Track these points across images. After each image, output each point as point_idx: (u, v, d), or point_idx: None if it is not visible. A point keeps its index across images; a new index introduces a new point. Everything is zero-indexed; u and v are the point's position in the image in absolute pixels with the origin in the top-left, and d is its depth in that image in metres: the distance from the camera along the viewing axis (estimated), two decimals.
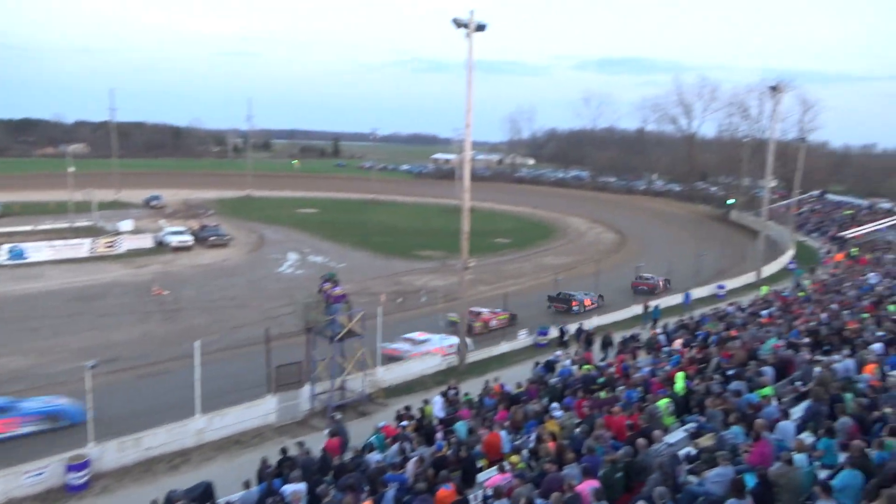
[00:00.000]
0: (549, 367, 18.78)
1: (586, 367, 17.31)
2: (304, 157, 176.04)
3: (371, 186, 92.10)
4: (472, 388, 19.52)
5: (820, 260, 47.67)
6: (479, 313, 30.02)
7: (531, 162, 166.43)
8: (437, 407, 15.93)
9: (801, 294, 27.89)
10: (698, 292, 37.90)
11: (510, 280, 41.90)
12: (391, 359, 24.25)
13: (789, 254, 50.35)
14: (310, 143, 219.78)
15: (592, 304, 34.34)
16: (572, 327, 26.46)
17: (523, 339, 26.86)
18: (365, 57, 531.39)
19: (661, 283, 39.22)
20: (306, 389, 19.33)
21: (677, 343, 19.82)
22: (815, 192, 78.66)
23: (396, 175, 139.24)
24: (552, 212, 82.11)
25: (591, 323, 29.75)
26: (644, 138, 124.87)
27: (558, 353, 20.73)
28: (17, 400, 18.56)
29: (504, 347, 25.95)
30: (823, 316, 20.78)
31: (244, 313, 31.41)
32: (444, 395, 16.91)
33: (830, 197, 75.89)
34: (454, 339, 25.71)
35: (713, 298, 37.94)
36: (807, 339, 17.05)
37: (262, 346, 19.93)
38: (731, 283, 41.25)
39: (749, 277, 43.44)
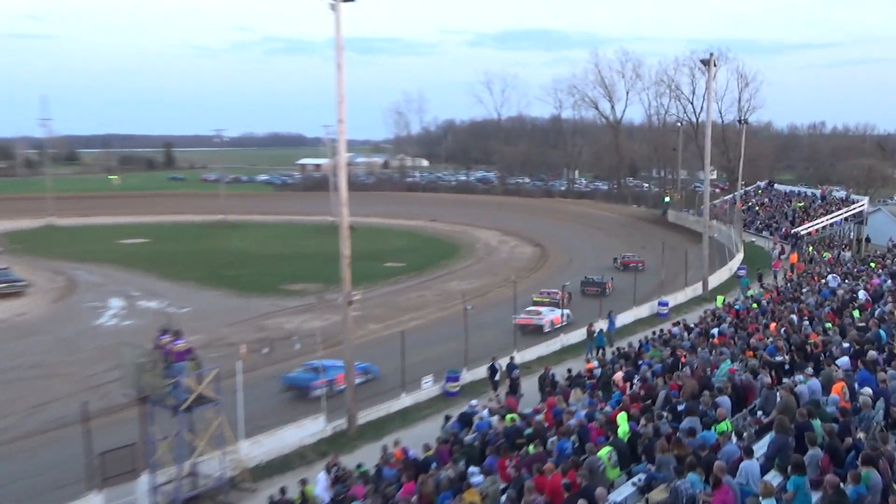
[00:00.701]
0: (464, 420, 18.88)
1: (510, 416, 17.55)
2: (127, 171, 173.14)
3: (219, 205, 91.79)
4: (366, 456, 19.45)
5: (769, 263, 51.64)
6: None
7: (425, 163, 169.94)
8: (321, 486, 15.64)
9: (754, 306, 29.70)
10: (637, 312, 40.20)
11: (409, 314, 42.69)
12: (524, 328, 37.02)
13: (738, 258, 53.78)
14: (133, 152, 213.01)
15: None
16: (503, 362, 26.66)
17: (428, 387, 26.87)
18: (200, 38, 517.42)
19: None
20: (144, 480, 18.74)
21: (617, 377, 20.53)
22: (762, 183, 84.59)
23: (252, 188, 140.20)
24: (455, 224, 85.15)
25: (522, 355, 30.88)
26: (561, 128, 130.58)
27: (474, 402, 20.90)
28: (329, 361, 29.64)
29: (405, 401, 25.78)
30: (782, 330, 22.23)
31: (52, 384, 30.34)
32: (328, 469, 16.57)
33: (779, 187, 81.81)
34: (565, 311, 39.04)
35: (654, 318, 39.99)
36: (779, 358, 18.14)
37: (78, 428, 19.16)
38: (675, 298, 43.68)
39: (695, 290, 46.13)
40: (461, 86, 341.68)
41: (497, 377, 26.85)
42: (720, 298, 39.07)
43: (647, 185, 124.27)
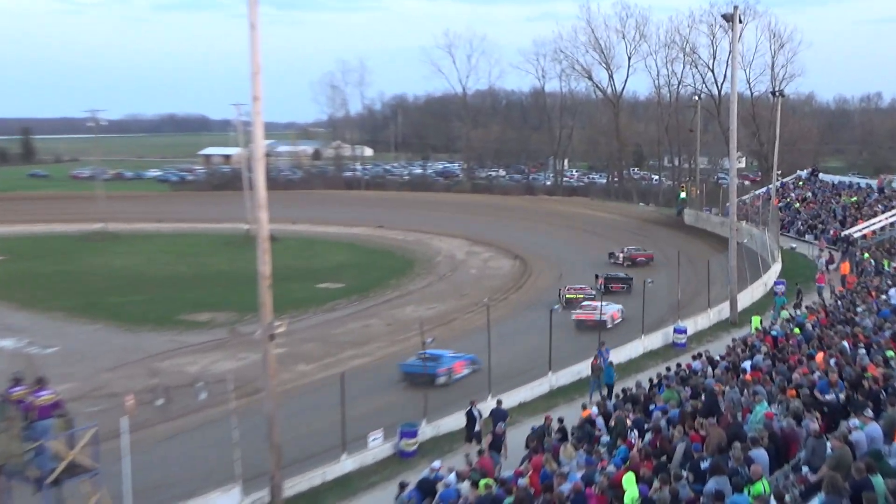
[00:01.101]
0: (425, 489, 18.83)
1: (484, 482, 17.49)
2: None
3: (96, 210, 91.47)
4: None
5: (814, 275, 53.79)
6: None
7: (368, 152, 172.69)
8: None
9: (796, 331, 30.15)
10: (647, 342, 41.24)
11: (350, 350, 43.50)
12: (581, 324, 45.68)
13: (775, 270, 55.63)
14: None
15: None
16: (486, 407, 26.58)
17: (377, 446, 26.67)
18: None
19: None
20: None
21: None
22: (803, 172, 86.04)
23: (141, 187, 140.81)
24: (409, 231, 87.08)
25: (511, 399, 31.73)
26: (544, 105, 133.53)
27: (436, 464, 20.88)
28: (437, 351, 37.63)
29: (347, 465, 25.58)
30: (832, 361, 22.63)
31: None
32: None
33: (825, 177, 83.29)
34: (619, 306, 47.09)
35: (669, 350, 41.18)
36: (830, 397, 18.81)
37: None
38: (695, 324, 44.90)
39: (720, 312, 47.45)
40: (414, 52, 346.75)
41: (477, 428, 27.11)
42: (755, 321, 40.06)
43: (656, 177, 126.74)
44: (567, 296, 52.01)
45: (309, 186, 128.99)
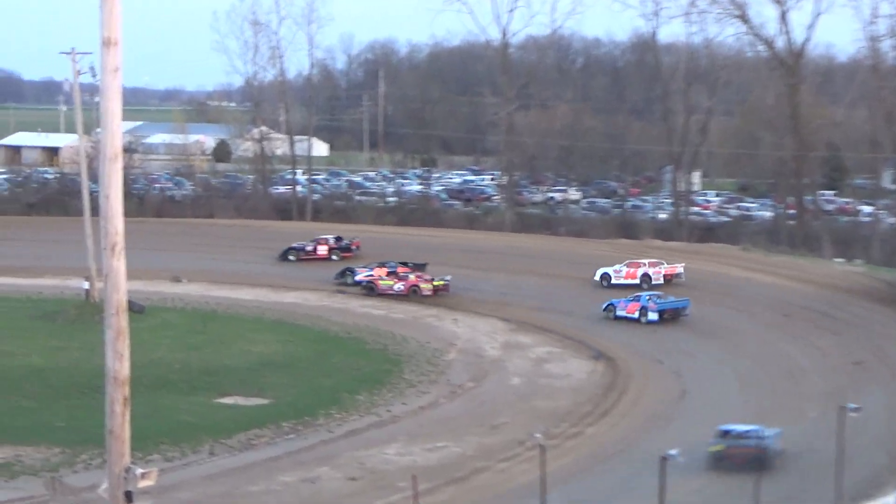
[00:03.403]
0: None
1: None
2: None
3: None
4: None
5: None
6: None
7: (322, 150, 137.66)
8: None
9: None
10: None
11: None
12: None
13: None
14: None
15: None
16: None
17: None
18: None
19: None
20: None
21: None
22: None
23: None
24: (396, 301, 67.97)
25: None
26: (657, 68, 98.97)
27: None
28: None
29: None
30: None
31: None
32: None
33: None
34: None
35: None
36: None
37: None
38: None
39: None
40: None
41: None
42: None
43: (868, 208, 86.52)
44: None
45: (207, 212, 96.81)
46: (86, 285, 59.90)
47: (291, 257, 79.57)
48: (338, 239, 78.45)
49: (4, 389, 49.36)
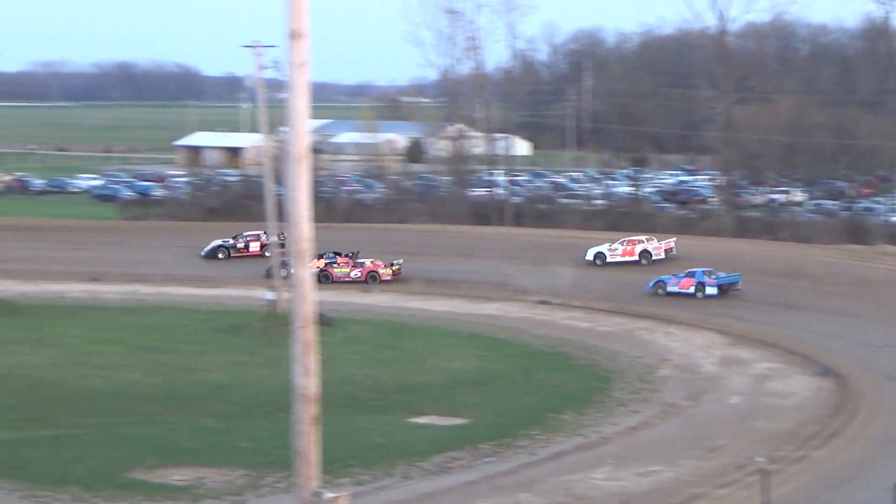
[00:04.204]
0: None
1: None
2: None
3: None
4: None
5: None
6: None
7: (523, 149, 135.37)
8: None
9: None
10: None
11: None
12: None
13: None
14: None
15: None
16: None
17: None
18: None
19: None
20: None
21: None
22: None
23: (62, 208, 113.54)
24: (594, 312, 64.95)
25: None
26: (890, 56, 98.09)
27: None
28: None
29: None
30: None
31: None
32: None
33: None
34: None
35: None
36: None
37: None
38: None
39: None
40: None
41: None
42: None
43: None
44: None
45: (399, 216, 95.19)
46: (270, 296, 58.35)
47: (221, 255, 76.81)
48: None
49: (186, 408, 48.16)
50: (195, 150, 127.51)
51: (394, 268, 71.50)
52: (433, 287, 73.67)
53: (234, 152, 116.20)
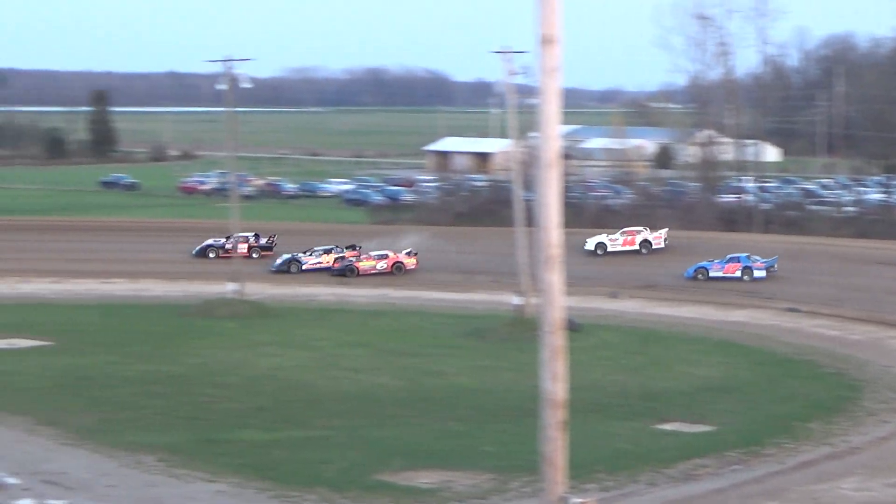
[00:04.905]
0: None
1: None
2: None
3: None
4: None
5: None
6: None
7: (772, 155, 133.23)
8: None
9: None
10: None
11: None
12: None
13: None
14: None
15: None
16: None
17: None
18: None
19: None
20: None
21: None
22: None
23: (311, 211, 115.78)
24: (844, 320, 64.94)
25: None
26: None
27: None
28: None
29: None
30: None
31: None
32: None
33: None
34: None
35: None
36: None
37: None
38: None
39: None
40: None
41: None
42: None
43: None
44: None
45: (647, 221, 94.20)
46: (517, 300, 59.67)
47: (211, 255, 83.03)
48: (257, 237, 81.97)
49: (434, 411, 49.30)
50: (444, 155, 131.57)
51: (414, 257, 78.97)
52: (681, 293, 73.27)
53: (482, 157, 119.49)
